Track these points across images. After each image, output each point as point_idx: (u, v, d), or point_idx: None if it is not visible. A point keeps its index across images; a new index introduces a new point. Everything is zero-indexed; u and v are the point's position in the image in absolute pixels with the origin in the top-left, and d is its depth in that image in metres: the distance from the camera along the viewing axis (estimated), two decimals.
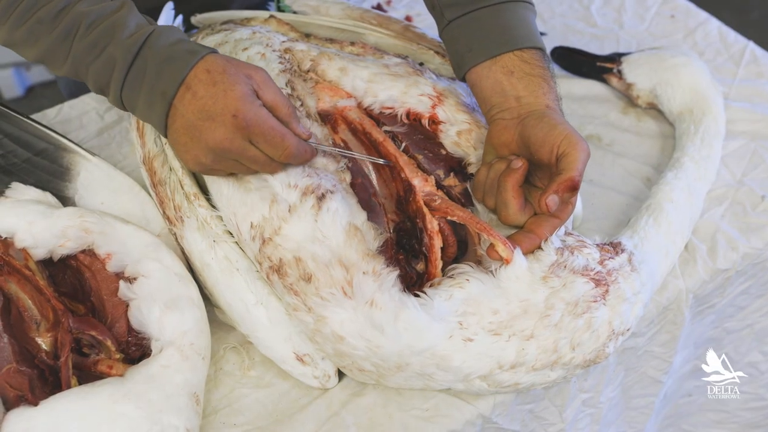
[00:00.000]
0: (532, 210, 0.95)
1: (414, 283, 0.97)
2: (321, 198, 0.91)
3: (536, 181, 0.96)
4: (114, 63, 0.91)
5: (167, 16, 1.22)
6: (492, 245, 0.90)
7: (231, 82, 0.89)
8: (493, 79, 0.99)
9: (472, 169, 1.02)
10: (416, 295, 0.91)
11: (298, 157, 0.92)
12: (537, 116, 0.95)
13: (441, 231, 0.96)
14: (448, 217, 0.95)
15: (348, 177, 0.98)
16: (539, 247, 0.93)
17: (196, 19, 1.30)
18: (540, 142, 0.92)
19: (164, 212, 1.04)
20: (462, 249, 0.99)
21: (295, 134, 0.92)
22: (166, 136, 0.94)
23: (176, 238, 1.03)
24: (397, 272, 0.91)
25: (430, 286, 0.93)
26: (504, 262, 0.90)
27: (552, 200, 0.89)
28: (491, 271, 0.91)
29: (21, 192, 1.05)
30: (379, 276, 0.89)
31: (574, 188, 0.90)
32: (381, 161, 1.00)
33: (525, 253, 0.91)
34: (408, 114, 1.05)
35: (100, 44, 0.91)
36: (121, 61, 0.90)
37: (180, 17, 1.27)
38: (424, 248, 0.97)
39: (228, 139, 0.89)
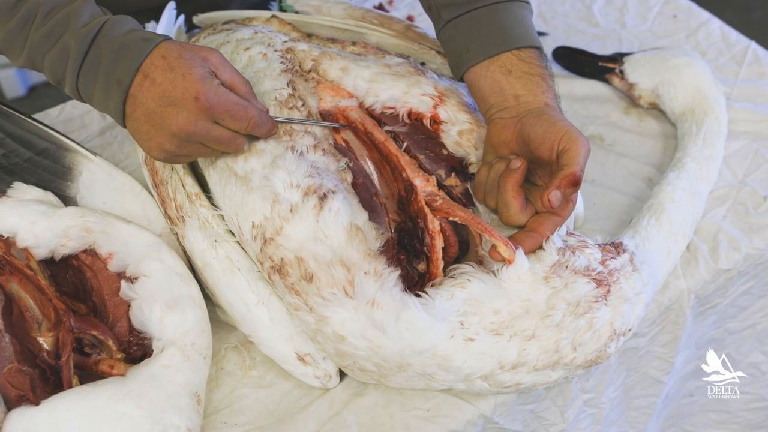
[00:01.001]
0: (533, 209, 0.95)
1: (415, 283, 0.97)
2: (323, 198, 0.91)
3: (537, 179, 0.96)
4: (68, 52, 0.91)
5: (169, 16, 1.22)
6: (494, 246, 0.90)
7: (188, 66, 0.89)
8: (491, 79, 0.99)
9: (473, 169, 1.02)
10: (417, 295, 0.91)
11: (261, 126, 0.93)
12: (536, 114, 0.95)
13: (442, 231, 0.96)
14: (450, 218, 0.95)
15: (349, 177, 0.98)
16: (541, 247, 0.93)
17: (197, 18, 1.30)
18: (540, 140, 0.92)
19: (166, 212, 1.04)
20: (464, 249, 0.99)
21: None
22: (124, 126, 0.93)
23: (178, 238, 1.03)
24: (398, 272, 0.91)
25: (432, 286, 0.92)
26: (506, 262, 0.90)
27: (554, 196, 0.89)
28: (493, 271, 0.91)
29: (23, 191, 1.05)
30: (380, 276, 0.89)
31: (575, 183, 0.90)
32: (335, 125, 1.02)
33: (527, 253, 0.91)
34: (409, 114, 1.04)
35: (55, 33, 0.91)
36: (76, 51, 0.90)
37: (182, 17, 1.27)
38: (425, 248, 0.97)
39: (192, 122, 0.89)
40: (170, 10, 1.23)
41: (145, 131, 0.91)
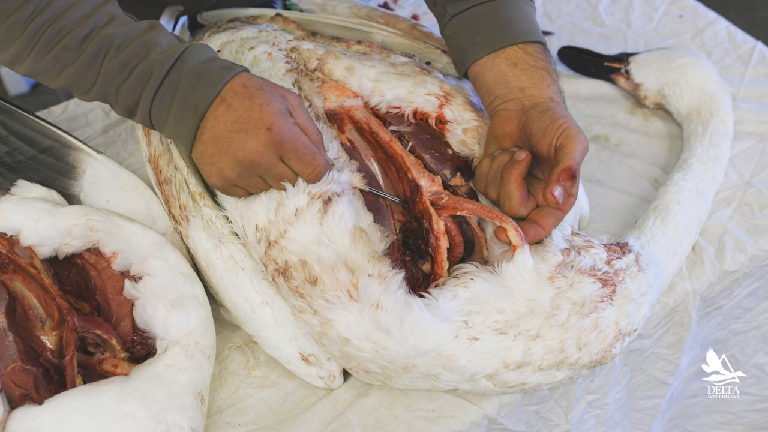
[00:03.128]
0: (534, 202, 0.95)
1: (420, 284, 0.96)
2: (327, 201, 0.91)
3: (538, 173, 0.96)
4: (146, 79, 0.90)
5: (169, 16, 1.21)
6: (501, 227, 0.91)
7: (267, 98, 0.89)
8: (497, 71, 1.00)
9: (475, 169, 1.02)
10: (421, 296, 0.90)
11: (321, 177, 0.91)
12: (540, 109, 0.95)
13: (447, 231, 0.96)
14: (458, 212, 0.95)
15: (357, 180, 0.97)
16: (543, 245, 0.93)
17: (202, 16, 1.30)
18: (540, 135, 0.93)
19: (170, 211, 1.04)
20: (469, 249, 0.99)
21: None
22: (190, 152, 0.92)
23: (182, 237, 1.03)
24: (402, 274, 0.90)
25: (435, 287, 0.92)
26: (512, 248, 0.90)
27: (558, 192, 0.90)
28: (495, 270, 0.91)
29: (27, 189, 1.05)
30: (384, 278, 0.89)
31: (572, 176, 0.90)
32: (397, 200, 1.00)
33: (529, 242, 0.92)
34: (415, 113, 1.04)
35: (132, 63, 0.91)
36: (154, 76, 0.90)
37: (185, 17, 1.27)
38: (430, 249, 0.96)
39: (258, 152, 0.88)
40: (173, 9, 1.22)
41: (209, 155, 0.90)
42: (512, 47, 1.00)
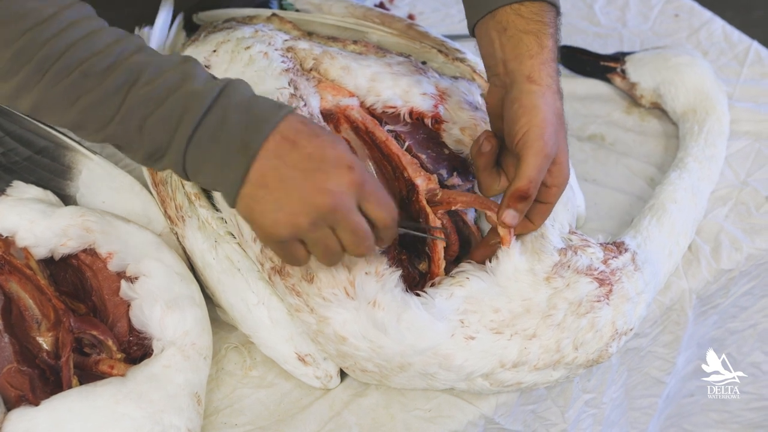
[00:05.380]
0: (506, 183, 0.91)
1: (417, 283, 0.96)
2: None
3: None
4: (182, 114, 0.77)
5: (165, 17, 1.21)
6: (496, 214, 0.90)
7: (333, 137, 0.80)
8: (488, 39, 0.93)
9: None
10: (418, 295, 0.90)
11: (391, 232, 0.82)
12: (514, 94, 0.89)
13: (444, 230, 0.96)
14: (453, 207, 0.95)
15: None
16: (541, 245, 0.93)
17: (198, 16, 1.30)
18: (508, 129, 0.88)
19: (166, 211, 1.04)
20: (465, 248, 0.99)
21: None
22: (234, 201, 0.79)
23: (178, 238, 1.03)
24: (399, 272, 0.90)
25: (432, 286, 0.92)
26: (501, 241, 0.90)
27: (509, 217, 0.87)
28: (488, 269, 0.91)
29: (22, 190, 1.05)
30: (381, 276, 0.89)
31: (523, 199, 0.86)
32: (441, 238, 0.95)
33: (517, 233, 0.91)
34: (411, 113, 1.04)
35: (164, 93, 0.78)
36: (193, 110, 0.77)
37: (180, 17, 1.27)
38: (426, 248, 0.96)
39: (340, 192, 0.76)
40: (166, 11, 1.22)
41: (273, 200, 0.77)
42: (505, 8, 0.91)
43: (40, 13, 0.79)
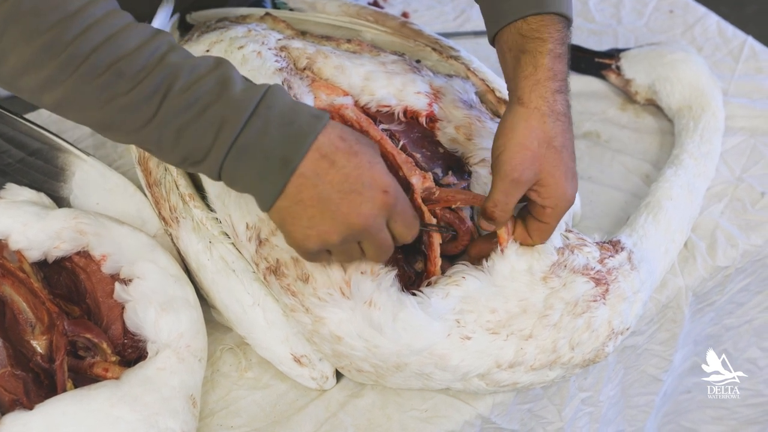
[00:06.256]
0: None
1: (412, 282, 0.96)
2: None
3: None
4: (221, 123, 0.77)
5: (165, 15, 1.21)
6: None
7: (372, 155, 0.80)
8: (501, 57, 0.93)
9: (472, 160, 1.01)
10: (414, 295, 0.90)
11: (409, 237, 0.85)
12: (504, 114, 0.89)
13: (451, 221, 0.96)
14: (451, 205, 0.95)
15: None
16: (540, 246, 0.92)
17: (191, 16, 1.29)
18: (492, 148, 0.90)
19: (160, 213, 1.04)
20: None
21: None
22: (269, 207, 0.80)
23: (172, 239, 1.02)
24: (395, 272, 0.90)
25: (428, 285, 0.92)
26: (498, 240, 0.91)
27: (484, 224, 0.90)
28: (485, 268, 0.91)
29: (15, 193, 1.04)
30: (377, 276, 0.89)
31: (490, 219, 0.89)
32: (452, 233, 0.96)
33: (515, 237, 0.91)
34: (405, 112, 1.04)
35: (202, 101, 0.77)
36: (233, 121, 0.77)
37: (176, 15, 1.26)
38: (423, 247, 0.96)
39: (373, 215, 0.79)
40: (166, 9, 1.21)
41: (308, 216, 0.79)
42: (509, 27, 0.90)
43: (68, 6, 0.76)
